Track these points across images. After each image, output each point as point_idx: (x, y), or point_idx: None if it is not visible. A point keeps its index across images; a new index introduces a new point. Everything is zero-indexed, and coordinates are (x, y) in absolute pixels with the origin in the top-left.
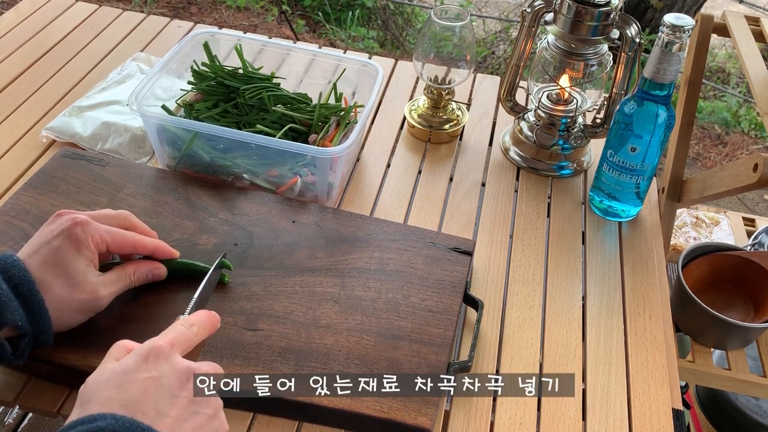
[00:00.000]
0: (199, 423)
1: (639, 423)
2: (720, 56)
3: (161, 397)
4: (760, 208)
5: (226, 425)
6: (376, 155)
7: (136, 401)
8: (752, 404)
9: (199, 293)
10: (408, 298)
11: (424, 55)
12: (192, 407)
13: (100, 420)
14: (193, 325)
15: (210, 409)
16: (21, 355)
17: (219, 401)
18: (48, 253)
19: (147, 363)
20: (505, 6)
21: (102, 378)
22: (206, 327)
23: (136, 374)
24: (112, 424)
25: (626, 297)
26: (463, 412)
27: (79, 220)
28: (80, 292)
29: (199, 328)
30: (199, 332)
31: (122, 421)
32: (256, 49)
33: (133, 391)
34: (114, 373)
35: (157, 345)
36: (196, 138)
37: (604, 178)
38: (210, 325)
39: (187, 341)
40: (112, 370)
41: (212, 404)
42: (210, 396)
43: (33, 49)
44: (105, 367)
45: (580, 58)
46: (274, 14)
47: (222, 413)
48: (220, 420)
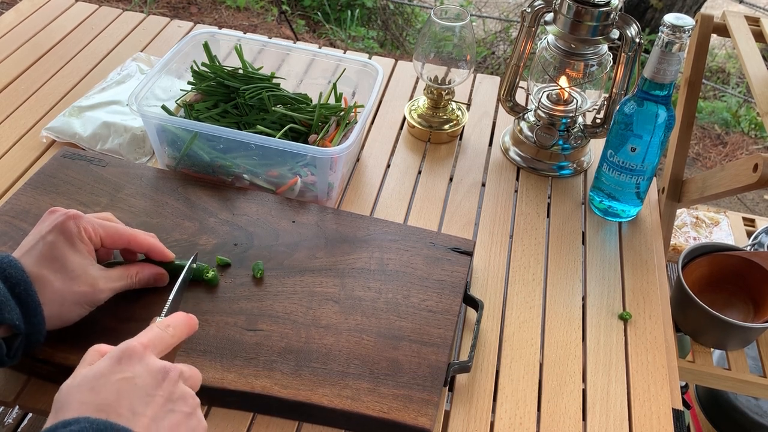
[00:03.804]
0: (177, 421)
1: (639, 423)
2: (720, 56)
3: (136, 397)
4: (760, 208)
5: (204, 423)
6: (376, 155)
7: (109, 403)
8: (752, 404)
9: (174, 295)
10: (408, 298)
11: (424, 55)
12: (168, 406)
13: (74, 424)
14: (169, 327)
15: (187, 407)
16: (14, 356)
17: (196, 399)
18: (44, 249)
19: (120, 365)
20: (505, 6)
21: (75, 383)
22: (183, 328)
23: (109, 377)
24: (86, 427)
25: (626, 297)
26: (463, 412)
27: (72, 214)
28: (79, 284)
29: (176, 330)
30: (175, 333)
31: (96, 423)
32: (256, 50)
33: (106, 393)
34: (86, 377)
35: (130, 346)
36: (196, 138)
37: (604, 178)
38: (187, 326)
39: (163, 343)
40: (84, 375)
41: (189, 402)
42: (186, 394)
43: (33, 49)
44: (78, 372)
45: (580, 58)
46: (274, 14)
47: (199, 411)
48: (197, 418)
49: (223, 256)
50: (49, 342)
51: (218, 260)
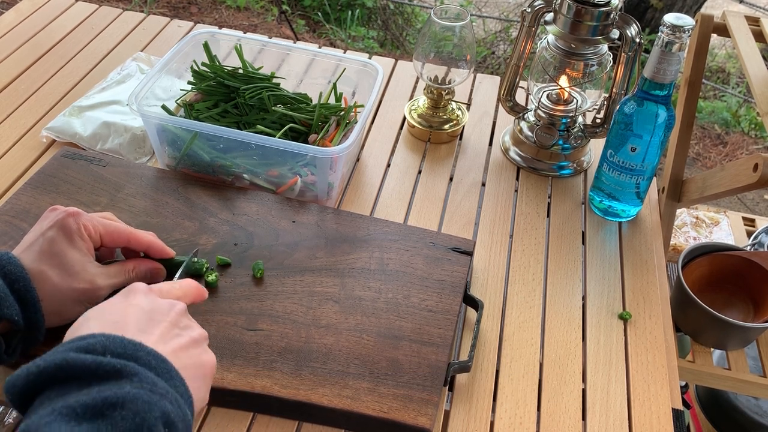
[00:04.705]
0: (184, 343)
1: (639, 423)
2: (720, 56)
3: (143, 319)
4: (760, 208)
5: (211, 355)
6: (376, 155)
7: (117, 321)
8: (752, 404)
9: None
10: (408, 298)
11: (424, 55)
12: (174, 330)
13: (90, 338)
14: (176, 283)
15: (194, 333)
16: (13, 353)
17: (204, 333)
18: (43, 245)
19: (127, 298)
20: (505, 6)
21: (86, 316)
22: (192, 290)
23: (117, 305)
24: (101, 340)
25: (626, 297)
26: (463, 412)
27: (72, 211)
28: (78, 281)
29: (183, 288)
30: (183, 289)
31: (109, 336)
32: (256, 49)
33: (115, 315)
34: (97, 308)
35: (135, 285)
36: (196, 138)
37: (604, 178)
38: (196, 289)
39: (170, 293)
40: (95, 307)
41: (196, 331)
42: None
43: (33, 49)
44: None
45: (580, 58)
46: (274, 14)
47: (206, 346)
48: (203, 348)
49: (223, 256)
50: (50, 342)
51: (218, 260)
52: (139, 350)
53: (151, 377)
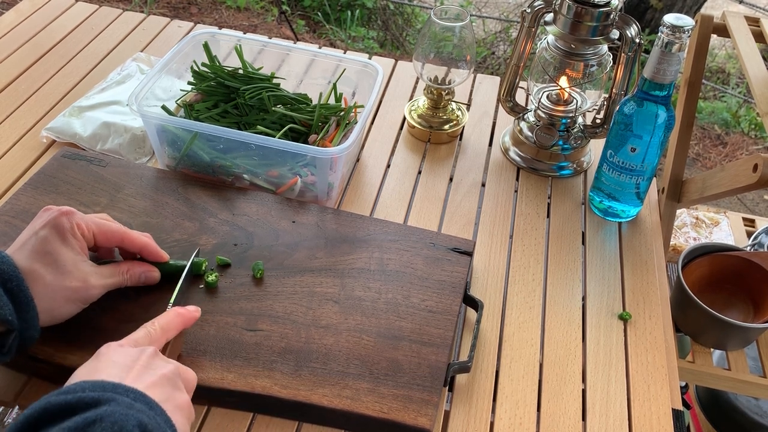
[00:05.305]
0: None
1: (639, 423)
2: (720, 56)
3: (117, 369)
4: (760, 209)
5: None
6: (376, 155)
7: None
8: (752, 404)
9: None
10: (408, 298)
11: (424, 55)
12: (148, 371)
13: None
14: (155, 324)
15: (164, 370)
16: (8, 352)
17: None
18: (36, 244)
19: (98, 358)
20: (505, 6)
21: None
22: (173, 323)
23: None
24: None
25: (626, 297)
26: (463, 412)
27: (65, 211)
28: (70, 280)
29: (163, 325)
30: (164, 327)
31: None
32: (256, 50)
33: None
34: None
35: (106, 345)
36: (196, 138)
37: (604, 179)
38: (179, 317)
39: (149, 338)
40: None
41: (167, 367)
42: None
43: (33, 49)
44: None
45: (580, 58)
46: (274, 14)
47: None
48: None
49: (223, 256)
50: (50, 342)
51: (218, 260)
52: (117, 387)
53: (128, 401)
